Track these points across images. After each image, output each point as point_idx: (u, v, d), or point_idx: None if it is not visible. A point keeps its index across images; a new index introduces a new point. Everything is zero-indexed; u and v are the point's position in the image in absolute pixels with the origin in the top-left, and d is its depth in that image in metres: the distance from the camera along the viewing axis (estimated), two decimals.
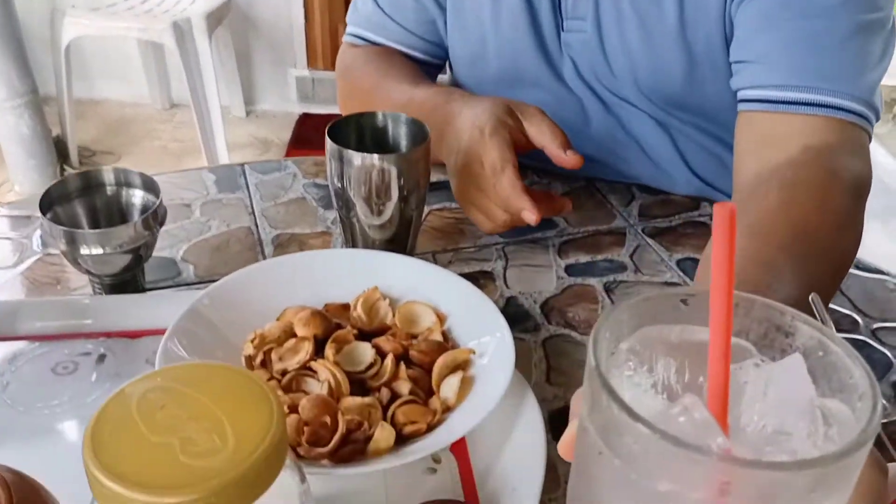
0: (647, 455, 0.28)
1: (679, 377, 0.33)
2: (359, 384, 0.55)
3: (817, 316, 0.46)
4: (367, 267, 0.64)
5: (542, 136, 0.71)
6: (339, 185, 0.67)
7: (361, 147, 0.69)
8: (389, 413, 0.52)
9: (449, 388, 0.55)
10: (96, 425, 0.36)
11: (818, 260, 0.56)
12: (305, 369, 0.55)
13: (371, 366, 0.56)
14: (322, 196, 0.82)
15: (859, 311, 0.68)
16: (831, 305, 0.68)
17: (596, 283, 0.71)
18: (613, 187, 0.86)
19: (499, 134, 0.69)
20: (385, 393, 0.54)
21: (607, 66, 0.80)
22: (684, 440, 0.27)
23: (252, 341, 0.57)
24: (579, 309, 0.67)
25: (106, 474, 0.33)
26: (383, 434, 0.50)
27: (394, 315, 0.61)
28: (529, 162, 0.91)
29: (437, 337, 0.59)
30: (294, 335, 0.58)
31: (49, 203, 0.64)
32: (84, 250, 0.62)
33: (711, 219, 0.79)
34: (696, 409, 0.31)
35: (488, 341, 0.58)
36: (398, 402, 0.53)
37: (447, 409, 0.54)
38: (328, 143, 0.66)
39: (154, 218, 0.64)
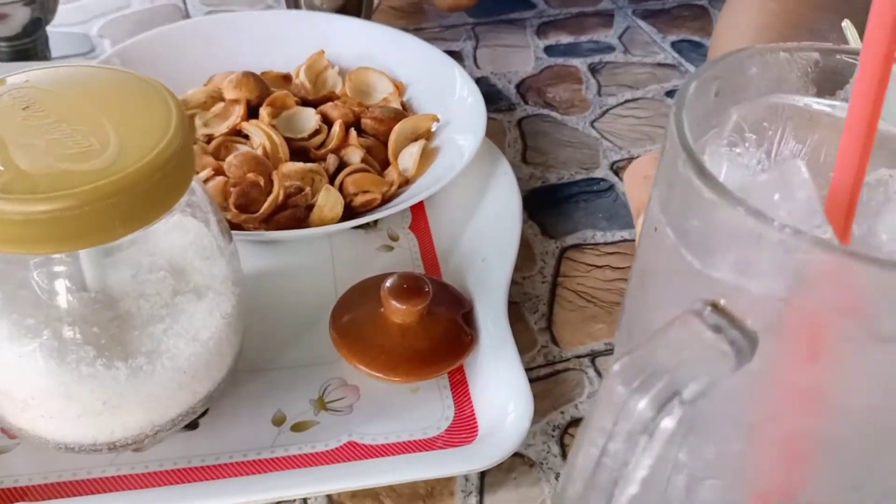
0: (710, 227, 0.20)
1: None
2: (300, 153, 0.46)
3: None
4: (313, 30, 0.54)
5: None
6: None
7: None
8: (337, 182, 0.44)
9: (408, 156, 0.46)
10: None
11: None
12: (236, 134, 0.46)
13: (316, 133, 0.47)
14: None
15: None
16: None
17: (580, 63, 0.62)
18: None
19: None
20: (332, 160, 0.45)
21: None
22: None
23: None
24: (560, 89, 0.58)
25: None
26: (329, 199, 0.42)
27: (344, 85, 0.52)
28: None
29: (395, 106, 0.50)
30: (223, 100, 0.48)
31: None
32: None
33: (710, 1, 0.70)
34: (799, 186, 0.22)
35: (455, 108, 0.49)
36: (348, 169, 0.45)
37: (406, 183, 0.46)
38: None
39: None
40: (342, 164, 0.45)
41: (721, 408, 0.23)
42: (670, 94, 0.58)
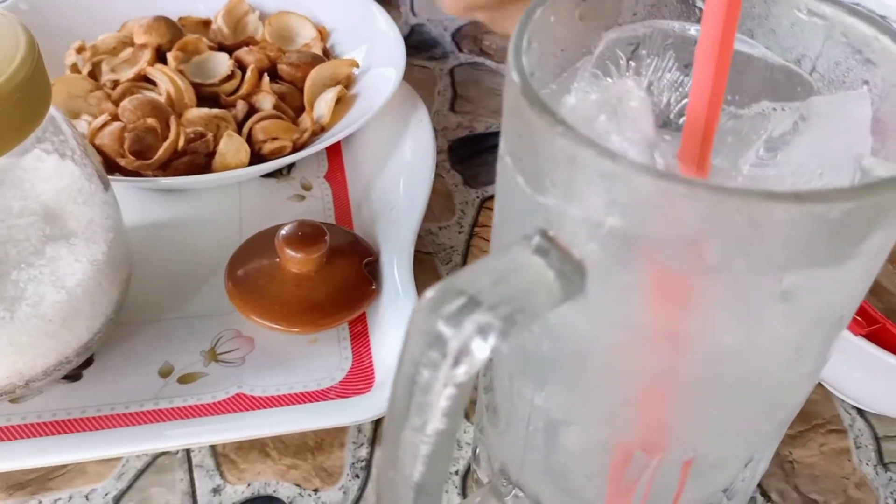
0: (536, 148, 0.19)
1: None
2: (211, 101, 0.45)
3: None
4: None
5: None
6: None
7: None
8: (246, 129, 0.42)
9: (324, 103, 0.44)
10: None
11: None
12: (143, 80, 0.44)
13: (229, 80, 0.45)
14: None
15: None
16: None
17: None
18: None
19: None
20: (241, 106, 0.44)
21: None
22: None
23: (78, 50, 0.46)
24: (497, 37, 0.56)
25: None
26: (231, 146, 0.40)
27: (264, 30, 0.50)
28: None
29: (317, 52, 0.48)
30: (133, 46, 0.46)
31: None
32: None
33: None
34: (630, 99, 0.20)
35: (378, 54, 0.48)
36: (257, 116, 0.43)
37: (321, 130, 0.44)
38: None
39: None
40: (253, 111, 0.44)
41: (564, 347, 0.21)
42: None
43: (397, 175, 0.42)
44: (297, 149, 0.42)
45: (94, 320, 0.32)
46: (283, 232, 0.35)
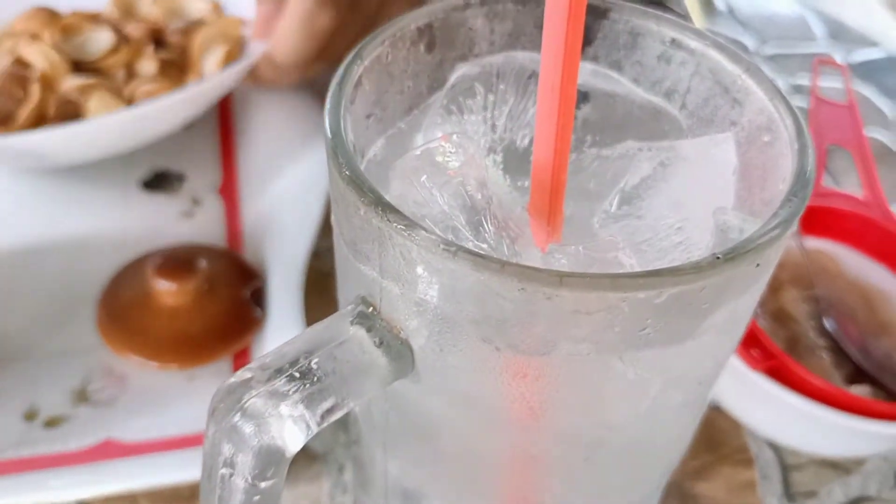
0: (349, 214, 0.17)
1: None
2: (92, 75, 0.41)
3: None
4: None
5: None
6: None
7: None
8: (127, 94, 0.40)
9: (212, 59, 0.42)
10: None
11: None
12: (18, 67, 0.41)
13: (113, 55, 0.42)
14: None
15: (752, 31, 0.57)
16: (720, 30, 0.57)
17: None
18: None
19: None
20: (120, 73, 0.41)
21: None
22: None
23: None
24: None
25: None
26: (102, 104, 0.38)
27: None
28: None
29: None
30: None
31: None
32: None
33: None
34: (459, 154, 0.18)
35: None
36: (139, 80, 0.40)
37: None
38: None
39: None
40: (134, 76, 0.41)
41: (407, 418, 0.19)
42: None
43: (291, 189, 0.40)
44: None
45: None
46: (154, 261, 0.33)
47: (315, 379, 0.16)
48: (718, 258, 0.14)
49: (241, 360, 0.34)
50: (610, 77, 0.21)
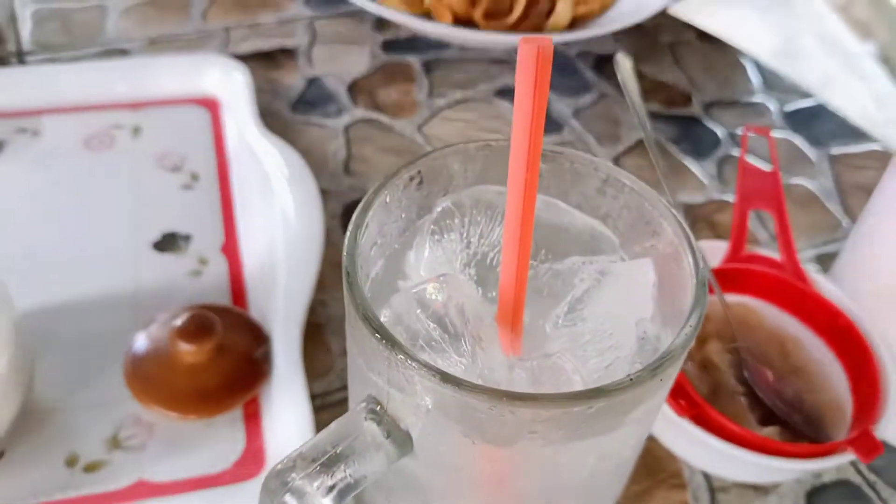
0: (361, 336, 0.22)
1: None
2: None
3: (621, 81, 0.40)
4: None
5: None
6: None
7: None
8: None
9: None
10: None
11: None
12: None
13: None
14: None
15: (695, 87, 0.63)
16: (667, 80, 0.63)
17: (415, 60, 0.62)
18: None
19: None
20: None
21: None
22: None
23: None
24: (392, 90, 0.59)
25: None
26: (566, 7, 0.50)
27: None
28: None
29: None
30: None
31: None
32: None
33: None
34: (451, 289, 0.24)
35: None
36: None
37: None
38: None
39: None
40: None
41: (405, 481, 0.25)
42: (500, 93, 0.60)
43: (288, 248, 0.45)
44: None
45: (2, 424, 0.34)
46: (175, 324, 0.38)
47: (341, 465, 0.21)
48: (631, 380, 0.20)
49: (251, 408, 0.39)
50: (558, 205, 0.27)
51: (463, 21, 0.48)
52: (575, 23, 0.56)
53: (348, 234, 0.24)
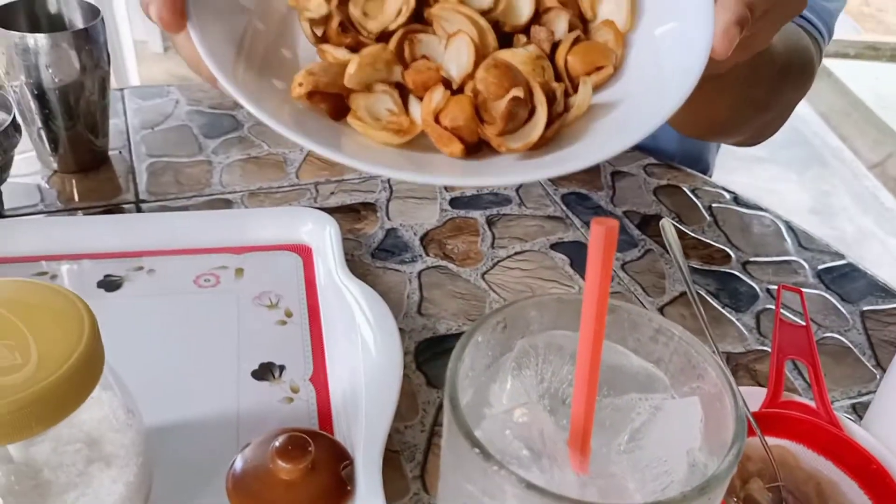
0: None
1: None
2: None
3: (667, 242, 0.47)
4: None
5: None
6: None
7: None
8: (560, 60, 0.38)
9: (615, 5, 0.40)
10: None
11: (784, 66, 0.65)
12: (413, 23, 0.38)
13: (494, 6, 0.39)
14: (204, 124, 0.79)
15: (732, 246, 0.69)
16: (707, 240, 0.69)
17: (479, 215, 0.70)
18: None
19: None
20: (544, 34, 0.38)
21: None
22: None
23: None
24: (459, 241, 0.67)
25: None
26: (585, 94, 0.36)
27: None
28: None
29: None
30: None
31: None
32: None
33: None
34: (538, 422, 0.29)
35: None
36: (565, 44, 0.38)
37: (620, 43, 0.39)
38: None
39: (6, 137, 0.60)
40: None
41: None
42: (554, 246, 0.67)
43: (370, 380, 0.51)
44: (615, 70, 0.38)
45: None
46: (275, 444, 0.44)
47: None
48: (683, 496, 0.25)
49: None
50: (618, 349, 0.33)
51: (474, 147, 0.35)
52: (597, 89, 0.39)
53: (450, 366, 0.30)
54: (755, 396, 0.47)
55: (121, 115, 0.79)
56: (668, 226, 0.47)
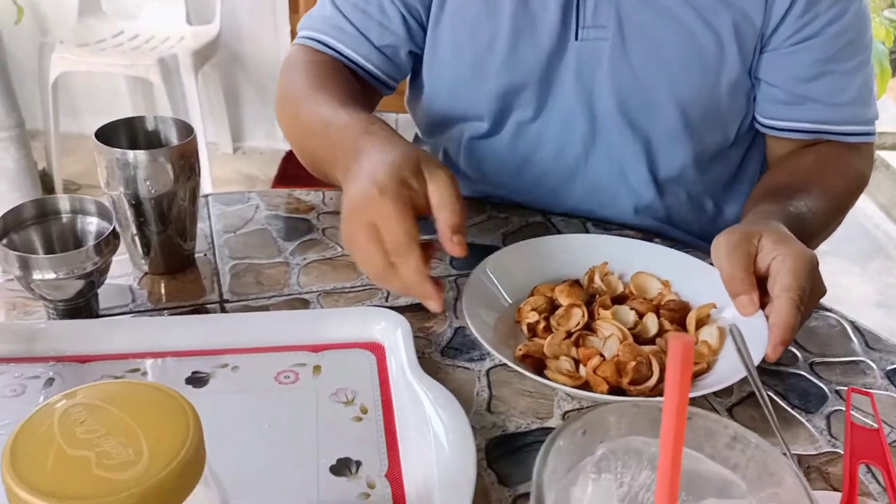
0: None
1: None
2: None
3: (737, 345, 0.48)
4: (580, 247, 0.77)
5: (439, 210, 0.63)
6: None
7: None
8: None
9: (709, 334, 0.66)
10: (16, 439, 0.37)
11: (830, 199, 0.81)
12: (585, 329, 0.67)
13: (635, 325, 0.68)
14: (282, 227, 0.84)
15: (799, 346, 0.70)
16: None
17: None
18: (569, 223, 0.88)
19: (400, 200, 0.60)
20: (661, 342, 0.66)
21: (631, 73, 0.83)
22: None
23: (532, 309, 0.69)
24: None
25: (20, 485, 0.34)
26: None
27: (623, 286, 0.73)
28: (487, 189, 0.93)
29: (671, 297, 0.71)
30: (552, 302, 0.71)
31: (4, 230, 0.65)
32: (37, 275, 0.63)
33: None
34: None
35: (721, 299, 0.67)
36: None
37: (713, 353, 0.65)
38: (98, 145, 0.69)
39: (106, 244, 0.65)
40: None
41: None
42: None
43: (444, 477, 0.52)
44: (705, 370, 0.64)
45: None
46: None
47: None
48: None
49: None
50: (694, 455, 0.34)
51: (614, 388, 0.61)
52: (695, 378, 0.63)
53: (536, 470, 0.31)
54: (830, 501, 0.47)
55: (205, 219, 0.84)
56: (735, 330, 0.48)
